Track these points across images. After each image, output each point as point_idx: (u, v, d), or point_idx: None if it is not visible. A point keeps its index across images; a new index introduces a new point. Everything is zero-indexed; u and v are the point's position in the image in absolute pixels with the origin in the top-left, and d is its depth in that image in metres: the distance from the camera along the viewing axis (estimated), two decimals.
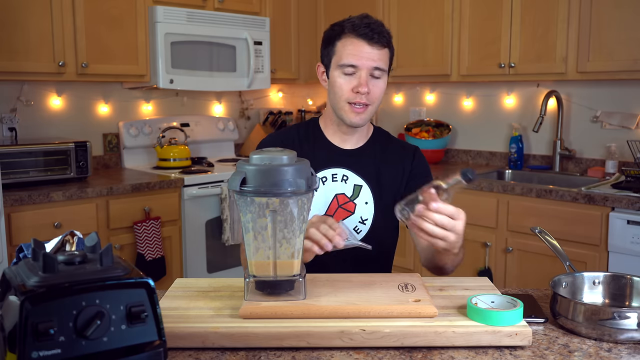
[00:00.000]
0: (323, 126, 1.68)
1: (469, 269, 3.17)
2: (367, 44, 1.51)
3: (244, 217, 1.17)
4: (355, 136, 1.65)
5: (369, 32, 1.51)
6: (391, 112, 4.22)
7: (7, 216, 2.62)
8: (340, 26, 1.56)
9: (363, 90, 1.51)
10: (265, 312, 1.14)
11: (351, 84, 1.53)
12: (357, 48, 1.51)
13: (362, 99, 1.53)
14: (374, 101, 1.55)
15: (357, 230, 1.61)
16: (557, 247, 1.40)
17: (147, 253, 3.04)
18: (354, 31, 1.52)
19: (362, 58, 1.51)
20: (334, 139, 1.65)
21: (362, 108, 1.54)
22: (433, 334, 1.09)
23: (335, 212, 1.61)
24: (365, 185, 1.62)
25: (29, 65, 2.92)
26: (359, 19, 1.54)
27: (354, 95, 1.53)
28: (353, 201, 1.61)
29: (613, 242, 2.65)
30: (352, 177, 1.62)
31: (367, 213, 1.61)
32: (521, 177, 3.46)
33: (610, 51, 2.92)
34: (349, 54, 1.52)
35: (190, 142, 3.78)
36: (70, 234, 1.03)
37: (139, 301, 0.83)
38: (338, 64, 1.54)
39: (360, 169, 1.62)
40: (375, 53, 1.52)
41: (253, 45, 3.66)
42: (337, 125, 1.63)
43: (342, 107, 1.56)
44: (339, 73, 1.54)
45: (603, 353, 1.09)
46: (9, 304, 0.79)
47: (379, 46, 1.52)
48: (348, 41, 1.53)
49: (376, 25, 1.53)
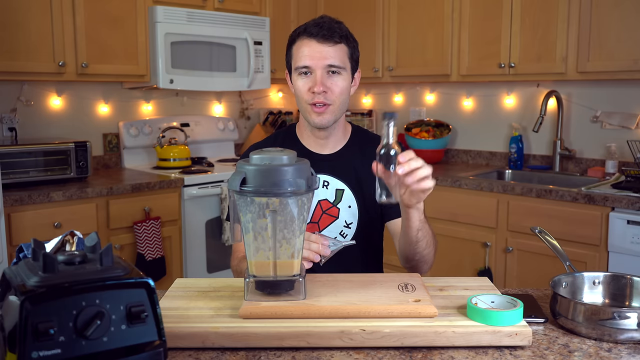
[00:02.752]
0: (299, 133, 1.67)
1: (469, 269, 3.17)
2: (317, 42, 1.51)
3: (243, 218, 1.17)
4: (332, 139, 1.63)
5: (318, 30, 1.51)
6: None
7: (7, 216, 2.62)
8: (296, 31, 1.58)
9: (318, 90, 1.51)
10: (265, 312, 1.14)
11: (308, 84, 1.53)
12: (309, 48, 1.52)
13: (320, 99, 1.52)
14: (334, 100, 1.54)
15: (343, 235, 1.61)
16: (557, 247, 1.40)
17: (147, 253, 3.04)
18: (305, 32, 1.53)
19: (314, 57, 1.51)
20: (310, 145, 1.64)
21: (322, 108, 1.53)
22: (433, 334, 1.09)
23: (320, 219, 1.60)
24: (347, 188, 1.61)
25: (29, 65, 2.92)
26: (313, 20, 1.56)
27: (312, 96, 1.53)
28: (336, 206, 1.61)
29: (613, 242, 2.65)
30: (333, 181, 1.61)
31: (351, 217, 1.61)
32: (521, 177, 3.46)
33: (610, 51, 2.92)
34: (302, 56, 1.53)
35: (190, 142, 3.78)
36: (70, 234, 1.03)
37: (139, 301, 0.83)
38: (295, 67, 1.56)
39: (340, 173, 1.61)
40: (328, 50, 1.51)
41: (253, 45, 3.66)
42: (311, 130, 1.62)
43: (305, 109, 1.56)
44: (297, 76, 1.56)
45: (603, 353, 1.09)
46: (9, 304, 0.79)
47: (331, 43, 1.52)
48: (301, 43, 1.54)
49: (327, 23, 1.53)
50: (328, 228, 1.60)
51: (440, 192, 3.22)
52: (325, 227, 1.60)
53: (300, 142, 1.65)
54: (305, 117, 1.59)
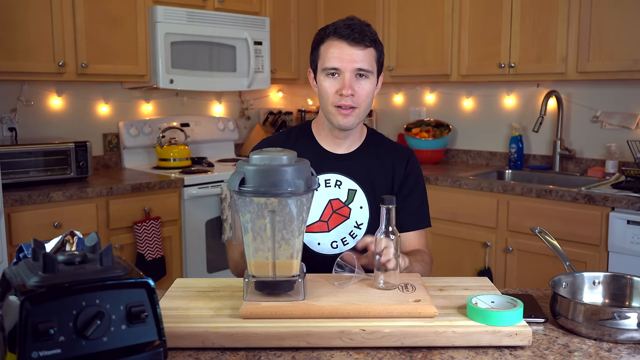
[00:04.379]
0: (315, 131, 1.67)
1: (469, 269, 3.17)
2: (348, 45, 1.51)
3: (242, 218, 1.16)
4: (348, 140, 1.64)
5: (350, 32, 1.51)
6: (391, 112, 4.22)
7: (7, 216, 2.62)
8: (324, 30, 1.57)
9: (347, 93, 1.51)
10: (265, 312, 1.14)
11: (335, 86, 1.53)
12: (338, 50, 1.51)
13: (348, 101, 1.52)
14: (360, 103, 1.54)
15: (353, 235, 1.61)
16: (557, 247, 1.40)
17: (147, 253, 3.04)
18: (336, 33, 1.52)
19: (344, 60, 1.51)
20: (325, 144, 1.64)
21: (348, 110, 1.53)
22: (433, 334, 1.09)
23: (330, 218, 1.60)
24: (360, 189, 1.61)
25: (29, 65, 2.92)
26: (343, 21, 1.55)
27: (339, 98, 1.53)
28: (348, 206, 1.61)
29: (613, 242, 2.65)
30: (346, 181, 1.61)
31: (362, 217, 1.61)
32: (521, 177, 3.46)
33: (610, 51, 2.92)
34: (331, 57, 1.52)
35: (190, 142, 3.78)
36: (70, 234, 1.03)
37: (139, 301, 0.83)
38: (322, 67, 1.55)
39: (354, 173, 1.62)
40: (358, 53, 1.51)
41: (253, 45, 3.66)
42: (329, 130, 1.62)
43: (330, 110, 1.56)
44: (324, 77, 1.55)
45: (603, 353, 1.09)
46: (9, 304, 0.79)
47: (362, 46, 1.51)
48: (330, 44, 1.53)
49: (358, 26, 1.52)
50: (337, 227, 1.60)
51: (440, 192, 3.22)
52: (335, 226, 1.60)
53: (315, 140, 1.65)
54: (328, 118, 1.58)
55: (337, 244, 1.60)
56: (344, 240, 1.60)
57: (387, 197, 1.25)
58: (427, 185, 3.28)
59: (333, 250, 1.60)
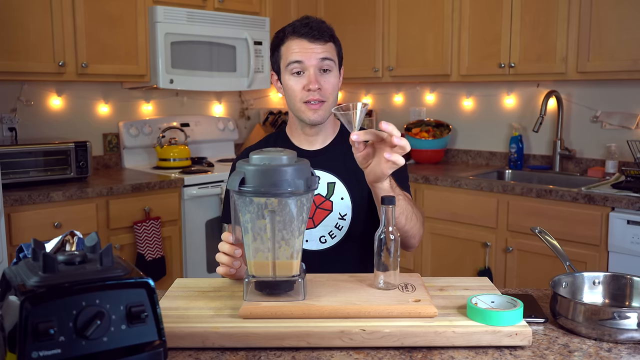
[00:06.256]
0: (289, 132, 1.70)
1: (469, 269, 3.17)
2: (308, 41, 1.55)
3: (243, 218, 1.16)
4: (321, 135, 1.66)
5: (308, 30, 1.55)
6: (391, 112, 4.22)
7: (7, 216, 2.62)
8: (282, 31, 1.60)
9: (313, 87, 1.54)
10: (265, 312, 1.14)
11: (302, 83, 1.56)
12: (300, 46, 1.55)
13: (315, 96, 1.55)
14: (328, 97, 1.57)
15: (339, 227, 1.62)
16: (557, 247, 1.40)
17: (147, 253, 3.04)
18: (295, 33, 1.56)
19: (307, 54, 1.54)
20: (300, 143, 1.67)
21: (317, 105, 1.56)
22: (433, 334, 1.09)
23: (314, 214, 1.61)
24: (338, 180, 1.63)
25: (29, 65, 2.92)
26: (299, 21, 1.59)
27: (306, 94, 1.56)
28: (329, 199, 1.62)
29: (613, 242, 2.65)
30: (324, 175, 1.63)
31: (345, 208, 1.62)
32: (521, 177, 3.46)
33: (610, 51, 2.92)
34: (293, 53, 1.56)
35: (190, 142, 3.78)
36: (70, 234, 1.03)
37: (139, 301, 0.83)
38: (286, 64, 1.57)
39: (330, 166, 1.63)
40: (319, 47, 1.55)
41: (253, 45, 3.66)
42: (301, 128, 1.65)
43: (299, 107, 1.58)
44: (289, 76, 1.58)
45: (603, 353, 1.09)
46: (9, 304, 0.79)
47: (321, 42, 1.56)
48: (291, 43, 1.57)
49: (315, 23, 1.57)
50: (323, 222, 1.61)
51: (440, 192, 3.22)
52: (320, 221, 1.61)
53: (290, 141, 1.69)
54: (298, 116, 1.61)
55: (325, 238, 1.62)
56: (331, 234, 1.62)
57: (387, 197, 1.25)
58: (427, 185, 3.31)
59: (322, 245, 1.62)
